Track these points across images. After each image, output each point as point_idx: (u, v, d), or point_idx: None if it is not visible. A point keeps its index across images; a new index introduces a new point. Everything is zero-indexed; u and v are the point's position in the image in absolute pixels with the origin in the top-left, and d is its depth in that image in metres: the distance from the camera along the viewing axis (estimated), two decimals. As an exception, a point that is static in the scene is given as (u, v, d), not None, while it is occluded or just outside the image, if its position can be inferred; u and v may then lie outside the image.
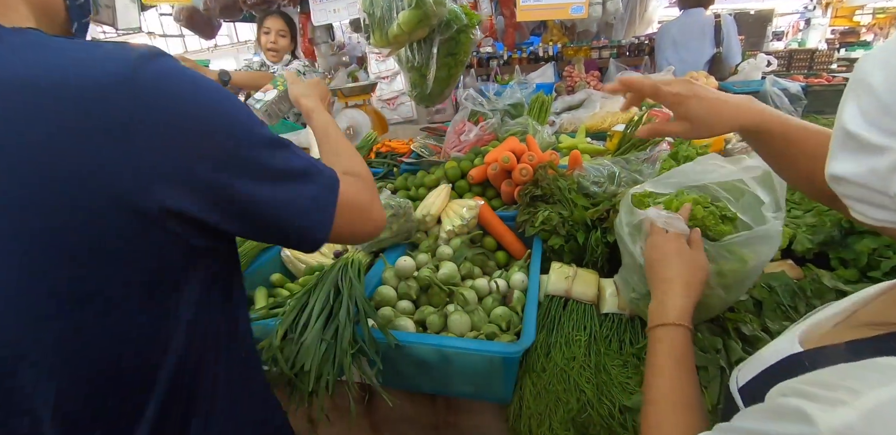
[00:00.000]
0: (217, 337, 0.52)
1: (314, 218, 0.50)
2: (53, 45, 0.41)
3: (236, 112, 0.46)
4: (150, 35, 6.40)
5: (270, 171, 0.47)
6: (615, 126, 1.69)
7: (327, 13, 3.13)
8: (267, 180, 0.47)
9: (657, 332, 0.60)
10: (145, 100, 0.40)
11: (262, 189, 0.46)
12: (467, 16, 1.54)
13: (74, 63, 0.40)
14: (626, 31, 4.08)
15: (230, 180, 0.44)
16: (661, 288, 0.64)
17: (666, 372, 0.54)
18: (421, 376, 0.85)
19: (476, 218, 1.15)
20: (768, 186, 0.77)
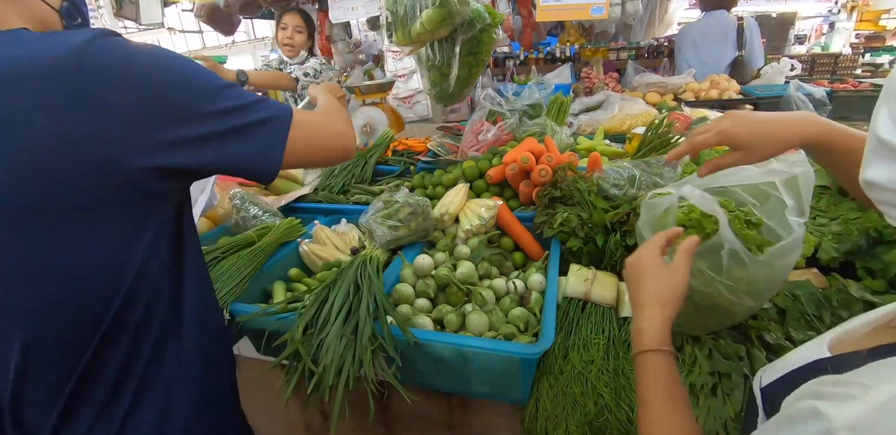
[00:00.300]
0: (171, 266, 0.58)
1: (271, 138, 0.57)
2: (23, 38, 0.48)
3: (189, 69, 0.52)
4: (170, 30, 6.49)
5: (228, 112, 0.54)
6: (634, 128, 1.68)
7: (346, 11, 3.14)
8: (229, 119, 0.54)
9: (638, 359, 0.58)
10: (93, 72, 0.46)
11: (226, 127, 0.53)
12: (490, 15, 1.54)
13: (30, 49, 0.46)
14: (645, 33, 4.04)
15: (198, 130, 0.51)
16: (637, 311, 0.62)
17: (653, 403, 0.53)
18: (437, 375, 0.85)
19: (494, 218, 1.15)
20: (794, 191, 0.76)
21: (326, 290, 0.88)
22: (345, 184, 1.54)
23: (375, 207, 1.15)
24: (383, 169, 1.66)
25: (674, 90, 2.38)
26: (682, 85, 2.38)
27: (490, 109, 1.75)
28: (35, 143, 0.45)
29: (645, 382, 0.55)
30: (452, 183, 1.36)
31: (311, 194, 1.53)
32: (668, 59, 3.54)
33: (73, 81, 0.45)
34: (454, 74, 1.50)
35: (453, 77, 1.50)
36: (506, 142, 1.56)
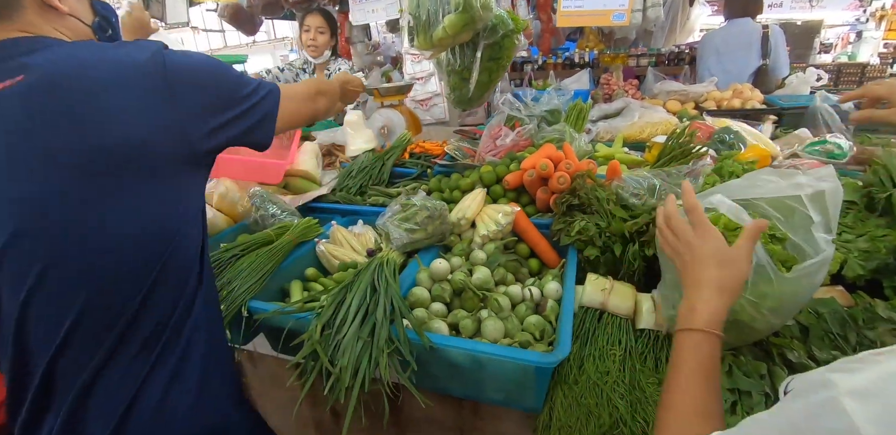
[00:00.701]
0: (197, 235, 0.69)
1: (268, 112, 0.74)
2: (96, 47, 0.61)
3: (222, 66, 0.69)
4: (193, 29, 6.63)
5: (247, 96, 0.71)
6: (655, 137, 1.66)
7: (366, 13, 3.17)
8: (247, 101, 0.70)
9: (683, 336, 0.57)
10: (175, 75, 0.61)
11: (246, 107, 0.70)
12: (513, 21, 1.54)
13: (115, 56, 0.59)
14: (666, 39, 4.00)
15: (233, 113, 0.68)
16: (693, 290, 0.60)
17: (689, 380, 0.53)
18: (451, 379, 0.85)
19: (511, 224, 1.14)
20: (820, 206, 0.74)
21: (344, 291, 0.89)
22: (362, 185, 1.55)
23: (393, 210, 1.16)
24: (400, 171, 1.67)
25: (695, 98, 2.35)
26: (703, 93, 2.35)
27: (508, 114, 1.75)
28: (132, 126, 0.58)
29: (684, 359, 0.55)
30: (469, 187, 1.36)
31: (329, 195, 1.54)
32: (689, 66, 3.50)
33: (164, 82, 0.60)
34: (475, 79, 1.50)
35: (473, 82, 1.50)
36: (524, 147, 1.56)
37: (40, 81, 0.56)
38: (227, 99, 0.67)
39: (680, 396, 0.52)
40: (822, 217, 0.73)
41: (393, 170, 1.65)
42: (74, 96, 0.56)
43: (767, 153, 1.53)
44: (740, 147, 1.55)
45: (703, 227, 0.63)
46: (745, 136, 1.62)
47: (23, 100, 0.55)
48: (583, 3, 2.56)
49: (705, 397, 0.51)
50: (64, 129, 0.55)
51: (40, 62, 0.57)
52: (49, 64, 0.57)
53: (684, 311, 0.60)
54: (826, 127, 1.88)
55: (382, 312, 0.81)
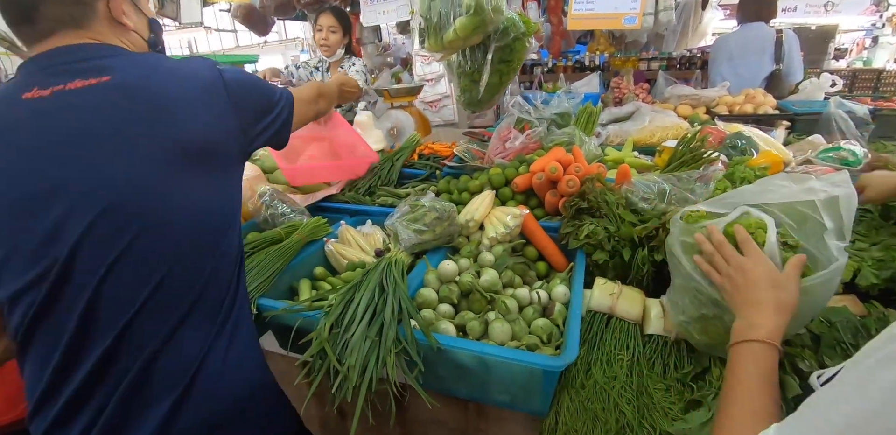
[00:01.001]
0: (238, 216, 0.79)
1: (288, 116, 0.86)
2: (165, 61, 0.71)
3: (260, 81, 0.82)
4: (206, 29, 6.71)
5: (276, 102, 0.84)
6: (665, 141, 1.65)
7: (377, 15, 3.19)
8: (277, 107, 0.84)
9: (744, 347, 0.60)
10: (233, 88, 0.73)
11: (276, 112, 0.83)
12: (524, 24, 1.54)
13: (185, 73, 0.70)
14: (677, 43, 3.98)
15: (272, 116, 0.81)
16: (750, 310, 0.64)
17: (753, 387, 0.55)
18: (458, 381, 0.85)
19: (520, 227, 1.14)
20: (834, 212, 0.73)
21: (352, 290, 0.90)
22: (371, 185, 1.56)
23: (402, 211, 1.17)
24: (409, 172, 1.67)
25: (706, 103, 2.33)
26: (715, 98, 2.33)
27: (518, 117, 1.75)
28: (208, 129, 0.69)
29: (746, 368, 0.58)
30: (478, 189, 1.36)
31: (338, 194, 1.55)
32: (701, 70, 3.48)
33: (227, 95, 0.72)
34: (485, 81, 1.50)
35: (483, 84, 1.50)
36: (533, 150, 1.55)
37: (128, 83, 0.65)
38: (266, 106, 0.80)
39: (745, 403, 0.54)
40: (835, 224, 0.72)
41: (402, 171, 1.66)
42: (160, 101, 0.65)
43: (780, 159, 1.51)
44: (752, 153, 1.54)
45: (755, 254, 0.68)
46: (757, 141, 1.60)
47: (114, 97, 0.63)
48: (594, 6, 2.56)
49: (769, 404, 0.54)
50: (153, 126, 0.64)
51: (124, 67, 0.66)
52: (134, 70, 0.67)
53: (743, 326, 0.63)
54: (840, 133, 1.86)
55: (391, 311, 0.81)
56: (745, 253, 0.70)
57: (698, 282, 0.78)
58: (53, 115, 0.63)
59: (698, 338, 0.82)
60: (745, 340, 0.60)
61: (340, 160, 1.58)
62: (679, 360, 0.85)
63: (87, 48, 0.68)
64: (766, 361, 0.58)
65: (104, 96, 0.63)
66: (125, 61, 0.68)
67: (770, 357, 0.58)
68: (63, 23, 0.67)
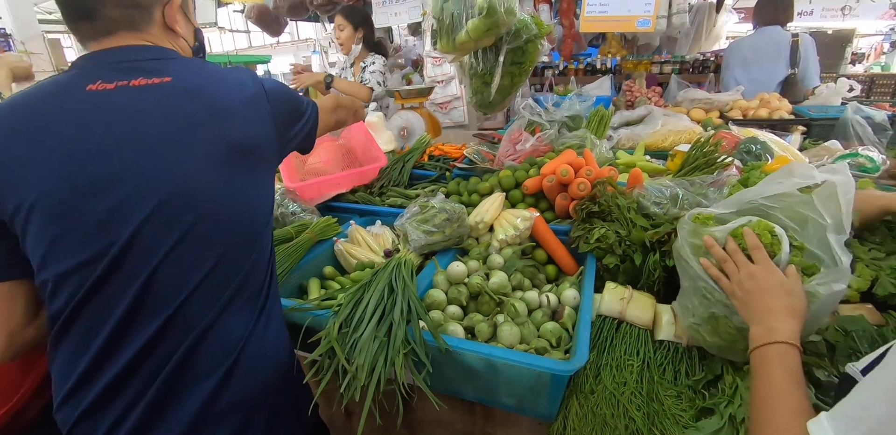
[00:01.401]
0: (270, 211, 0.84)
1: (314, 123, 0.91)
2: (211, 67, 0.77)
3: (294, 92, 0.87)
4: (220, 30, 6.80)
5: (305, 110, 0.89)
6: (678, 145, 1.63)
7: (388, 16, 3.21)
8: (305, 114, 0.89)
9: (767, 350, 0.61)
10: (273, 98, 0.79)
11: (305, 119, 0.88)
12: (537, 26, 1.54)
13: (230, 84, 0.75)
14: (690, 47, 3.94)
15: (302, 122, 0.87)
16: (765, 316, 0.65)
17: (784, 386, 0.56)
18: (465, 383, 0.85)
19: (529, 229, 1.14)
20: (832, 204, 0.73)
21: (361, 290, 0.90)
22: (381, 186, 1.56)
23: (411, 211, 1.17)
24: (419, 173, 1.67)
25: (720, 107, 2.30)
26: (728, 102, 2.30)
27: (529, 119, 1.75)
28: (255, 132, 0.76)
29: (772, 369, 0.59)
30: (488, 191, 1.36)
31: (348, 194, 1.56)
32: (715, 74, 3.45)
33: (269, 103, 0.78)
34: (496, 83, 1.50)
35: (495, 86, 1.50)
36: (543, 153, 1.55)
37: (188, 86, 0.71)
38: (297, 113, 0.86)
39: (779, 401, 0.55)
40: (833, 218, 0.72)
41: (412, 172, 1.66)
42: (217, 104, 0.72)
43: (795, 164, 1.49)
44: (767, 158, 1.52)
45: (765, 262, 0.70)
46: (772, 146, 1.58)
47: (175, 96, 0.69)
48: (607, 8, 2.54)
49: (801, 399, 0.55)
50: (211, 126, 0.70)
51: (181, 71, 0.72)
52: (190, 74, 0.72)
53: (762, 331, 0.64)
54: (858, 139, 1.83)
55: (400, 312, 0.81)
56: (756, 260, 0.71)
57: (706, 282, 0.78)
58: (118, 107, 0.67)
59: (710, 340, 0.81)
60: (767, 343, 0.61)
61: (352, 160, 1.59)
62: (691, 366, 0.83)
63: (148, 50, 0.73)
64: (791, 361, 0.59)
65: (166, 95, 0.69)
66: (181, 65, 0.74)
67: (794, 357, 0.60)
68: (121, 24, 0.72)
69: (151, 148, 0.66)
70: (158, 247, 0.66)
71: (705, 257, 0.78)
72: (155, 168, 0.66)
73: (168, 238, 0.66)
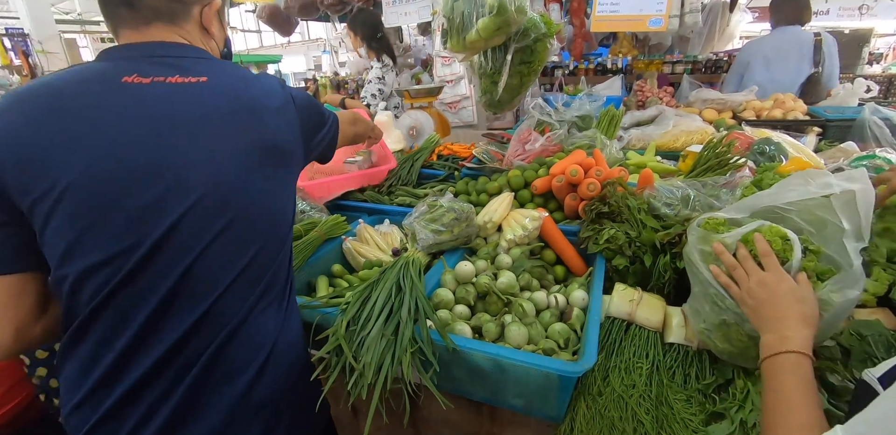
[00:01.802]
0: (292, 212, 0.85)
1: (335, 134, 0.94)
2: (239, 72, 0.77)
3: (318, 103, 0.89)
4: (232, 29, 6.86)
5: (327, 119, 0.92)
6: (690, 146, 1.61)
7: (398, 16, 3.22)
8: (328, 124, 0.91)
9: (778, 359, 0.60)
10: (300, 106, 0.81)
11: (327, 128, 0.91)
12: (546, 25, 1.53)
13: (258, 89, 0.76)
14: (703, 46, 3.89)
15: (324, 131, 0.90)
16: (777, 324, 0.64)
17: (797, 397, 0.55)
18: (472, 383, 0.84)
19: (538, 229, 1.13)
20: (851, 211, 0.71)
21: (369, 288, 0.90)
22: (390, 185, 1.57)
23: (420, 210, 1.17)
24: (428, 172, 1.67)
25: (733, 108, 2.27)
26: (742, 102, 2.27)
27: (538, 119, 1.74)
28: (285, 136, 0.77)
29: (785, 379, 0.58)
30: (497, 191, 1.36)
31: (357, 193, 1.56)
32: (728, 74, 3.39)
33: (296, 110, 0.80)
34: (503, 83, 1.49)
35: (502, 85, 1.50)
36: (553, 153, 1.54)
37: (223, 87, 0.71)
38: (320, 123, 0.89)
39: (791, 414, 0.54)
40: (852, 224, 0.70)
41: (421, 171, 1.66)
42: (253, 106, 0.73)
43: (810, 166, 1.46)
44: (781, 159, 1.49)
45: (776, 269, 0.68)
46: (786, 147, 1.55)
47: (212, 96, 0.69)
48: (618, 7, 2.52)
49: (814, 412, 0.54)
50: (246, 127, 0.71)
51: (216, 72, 0.72)
52: (224, 76, 0.73)
53: (774, 340, 0.63)
54: (875, 141, 1.79)
55: (407, 311, 0.81)
56: (766, 267, 0.70)
57: (717, 289, 0.77)
58: (155, 102, 0.66)
59: (721, 346, 0.80)
60: (778, 353, 0.60)
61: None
62: (701, 370, 0.82)
63: (184, 48, 0.74)
64: (803, 371, 0.58)
65: (203, 94, 0.69)
66: (217, 66, 0.74)
67: (807, 367, 0.58)
68: (161, 15, 0.72)
69: (189, 146, 0.66)
70: (194, 244, 0.66)
71: (715, 264, 0.77)
72: (193, 167, 0.66)
73: (204, 235, 0.66)
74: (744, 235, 0.78)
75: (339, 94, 2.46)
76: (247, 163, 0.70)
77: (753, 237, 0.73)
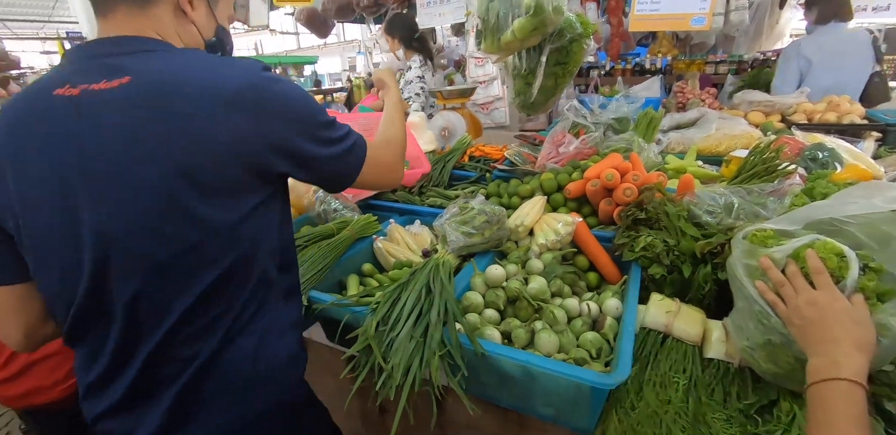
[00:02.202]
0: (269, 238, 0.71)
1: (347, 169, 0.75)
2: (205, 59, 0.64)
3: (312, 104, 0.69)
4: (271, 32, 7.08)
5: (327, 140, 0.71)
6: (734, 151, 1.54)
7: (433, 17, 3.23)
8: (325, 146, 0.70)
9: (827, 387, 0.56)
10: (265, 96, 0.62)
11: (322, 151, 0.70)
12: (582, 25, 1.50)
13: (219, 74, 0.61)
14: (749, 45, 3.71)
15: (308, 147, 0.68)
16: (827, 348, 0.60)
17: (847, 429, 0.51)
18: (500, 389, 0.84)
19: (571, 235, 1.11)
20: None
21: (399, 289, 0.91)
22: (422, 185, 1.57)
23: (451, 212, 1.17)
24: (459, 174, 1.67)
25: (782, 110, 2.15)
26: (792, 105, 2.14)
27: (573, 121, 1.70)
28: (225, 140, 0.60)
29: (836, 408, 0.54)
30: (529, 194, 1.34)
31: (388, 192, 1.58)
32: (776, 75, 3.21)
33: (254, 107, 0.61)
34: (538, 84, 1.47)
35: (536, 86, 1.47)
36: (587, 156, 1.50)
37: (147, 88, 0.57)
38: (312, 130, 0.69)
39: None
40: None
41: (452, 172, 1.66)
42: (180, 110, 0.57)
43: (869, 174, 1.37)
44: (836, 166, 1.40)
45: (829, 288, 0.64)
46: (841, 154, 1.46)
47: (128, 105, 0.57)
48: (659, 6, 2.44)
49: None
50: (167, 142, 0.57)
51: (150, 67, 0.59)
52: (157, 73, 0.59)
53: (823, 364, 0.59)
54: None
55: (437, 313, 0.81)
56: (818, 285, 0.65)
57: (763, 306, 0.73)
58: (74, 122, 0.57)
59: (765, 366, 0.76)
60: (828, 379, 0.56)
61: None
62: (743, 389, 0.78)
63: (130, 41, 0.61)
64: (855, 402, 0.53)
65: (120, 103, 0.57)
66: (157, 60, 0.60)
67: (859, 398, 0.53)
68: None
69: (95, 181, 0.57)
70: (131, 281, 0.60)
71: (762, 280, 0.73)
72: (100, 208, 0.57)
73: (136, 277, 0.60)
74: (794, 251, 0.73)
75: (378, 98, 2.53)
76: (170, 192, 0.57)
77: (805, 253, 0.68)
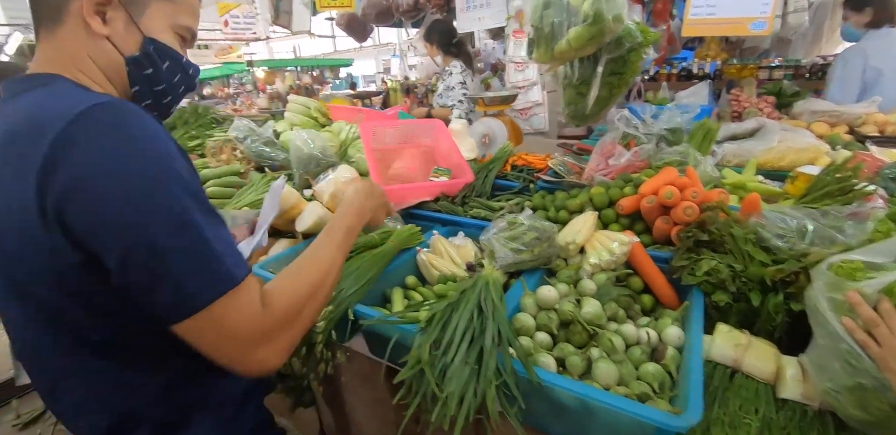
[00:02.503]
0: None
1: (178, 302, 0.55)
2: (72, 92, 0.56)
3: (163, 181, 0.53)
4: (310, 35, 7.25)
5: (168, 252, 0.54)
6: (801, 166, 1.43)
7: (472, 21, 3.21)
8: (165, 259, 0.54)
9: None
10: (65, 150, 0.49)
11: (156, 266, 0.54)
12: (642, 33, 1.44)
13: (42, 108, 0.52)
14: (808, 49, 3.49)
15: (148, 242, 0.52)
16: None
17: None
18: (554, 419, 0.80)
19: (626, 255, 1.06)
20: None
21: (449, 309, 0.88)
22: (465, 196, 1.55)
23: (499, 226, 1.14)
24: (502, 184, 1.64)
25: (848, 121, 2.00)
26: (861, 115, 1.99)
27: (623, 132, 1.64)
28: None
29: None
30: (578, 209, 1.29)
31: (430, 202, 1.56)
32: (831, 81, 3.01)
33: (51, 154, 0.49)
34: (593, 95, 1.42)
35: (592, 97, 1.42)
36: (639, 169, 1.44)
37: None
38: (130, 222, 0.54)
39: None
40: None
41: (494, 182, 1.63)
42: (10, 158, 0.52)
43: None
44: (921, 187, 1.28)
45: None
46: (927, 173, 1.33)
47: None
48: (715, 9, 2.31)
49: None
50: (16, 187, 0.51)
51: (13, 109, 0.55)
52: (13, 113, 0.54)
53: None
54: None
55: (491, 338, 0.79)
56: None
57: (851, 346, 0.66)
58: None
59: (852, 412, 0.69)
60: None
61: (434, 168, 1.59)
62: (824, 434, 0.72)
63: (35, 77, 0.57)
64: None
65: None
66: (27, 98, 0.55)
67: None
68: (42, 18, 0.57)
69: None
70: None
71: (849, 316, 0.67)
72: None
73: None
74: (888, 286, 0.66)
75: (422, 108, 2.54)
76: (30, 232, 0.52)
77: None
